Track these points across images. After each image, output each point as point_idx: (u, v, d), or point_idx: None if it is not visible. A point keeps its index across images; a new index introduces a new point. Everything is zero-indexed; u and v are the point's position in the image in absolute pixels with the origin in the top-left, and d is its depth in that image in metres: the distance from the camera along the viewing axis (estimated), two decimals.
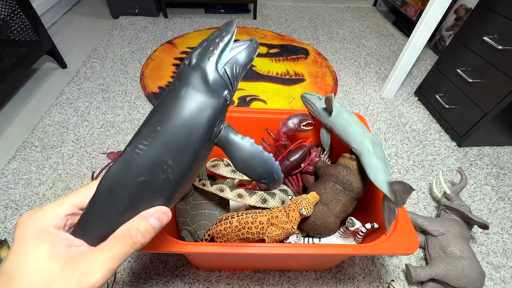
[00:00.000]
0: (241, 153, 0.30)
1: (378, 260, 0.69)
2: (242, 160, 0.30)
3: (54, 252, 0.20)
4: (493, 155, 0.99)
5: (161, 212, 0.24)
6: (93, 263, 0.20)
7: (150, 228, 0.23)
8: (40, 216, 0.22)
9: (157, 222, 0.24)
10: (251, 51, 0.27)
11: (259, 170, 0.31)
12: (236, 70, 0.27)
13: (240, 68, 0.27)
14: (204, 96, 0.25)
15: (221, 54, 0.26)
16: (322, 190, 0.56)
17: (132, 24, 1.56)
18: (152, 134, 0.25)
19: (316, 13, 1.85)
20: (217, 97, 0.26)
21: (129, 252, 0.22)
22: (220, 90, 0.26)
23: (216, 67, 0.25)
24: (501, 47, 0.82)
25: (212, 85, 0.25)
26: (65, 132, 0.94)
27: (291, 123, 0.63)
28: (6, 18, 0.99)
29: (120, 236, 0.22)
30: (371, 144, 0.52)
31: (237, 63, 0.27)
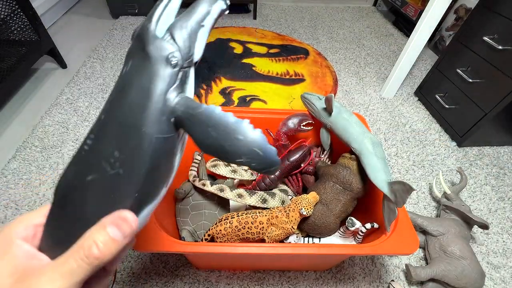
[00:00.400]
0: (200, 126, 0.22)
1: (378, 260, 0.69)
2: (203, 135, 0.22)
3: (12, 265, 0.19)
4: (493, 155, 0.99)
5: (119, 217, 0.20)
6: (41, 281, 0.18)
7: (109, 240, 0.19)
8: (10, 227, 0.21)
9: (117, 232, 0.19)
10: (207, 3, 0.23)
11: (227, 145, 0.21)
12: (186, 29, 0.22)
13: (192, 25, 0.22)
14: (144, 67, 0.22)
15: (160, 16, 0.22)
16: (322, 190, 0.56)
17: (132, 24, 1.56)
18: (97, 125, 0.22)
19: (316, 13, 1.85)
20: (159, 64, 0.22)
21: (83, 268, 0.18)
22: (160, 54, 0.21)
23: (154, 31, 0.22)
24: (501, 47, 0.82)
25: (150, 51, 0.21)
26: (65, 132, 0.94)
27: (291, 123, 0.63)
28: (6, 18, 0.99)
29: (75, 249, 0.19)
30: (371, 144, 0.52)
31: (186, 20, 0.22)
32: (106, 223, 0.20)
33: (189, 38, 0.23)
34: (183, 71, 0.23)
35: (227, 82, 1.20)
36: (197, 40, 0.23)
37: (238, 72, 1.25)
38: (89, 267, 0.18)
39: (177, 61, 0.22)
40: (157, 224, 0.44)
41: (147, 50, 0.21)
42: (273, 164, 0.22)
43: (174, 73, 0.22)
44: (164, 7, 0.23)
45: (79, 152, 0.22)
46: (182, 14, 0.23)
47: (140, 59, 0.22)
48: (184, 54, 0.22)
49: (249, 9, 1.82)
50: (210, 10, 0.23)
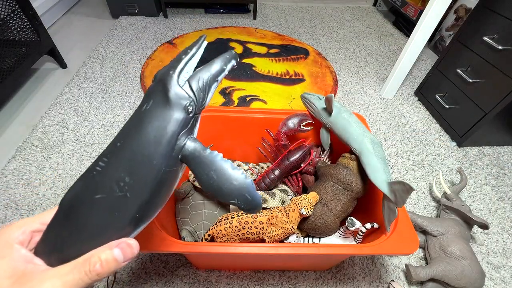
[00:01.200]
0: (204, 168, 0.26)
1: (378, 260, 0.69)
2: (205, 176, 0.26)
3: (11, 268, 0.20)
4: (493, 155, 0.99)
5: (126, 243, 0.22)
6: (43, 286, 0.19)
7: (112, 259, 0.21)
8: (8, 231, 0.22)
9: (120, 255, 0.22)
10: (222, 62, 0.27)
11: (225, 187, 0.26)
12: (202, 81, 0.26)
13: (208, 79, 0.26)
14: (163, 109, 0.25)
15: (183, 68, 0.26)
16: (322, 190, 0.56)
17: (132, 24, 1.56)
18: (112, 150, 0.25)
19: (316, 13, 1.85)
20: (177, 109, 0.25)
21: (83, 281, 0.20)
22: (180, 102, 0.25)
23: (177, 80, 0.25)
24: (501, 47, 0.82)
25: (171, 97, 0.25)
26: (65, 132, 0.94)
27: (291, 123, 0.63)
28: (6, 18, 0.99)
29: (80, 262, 0.21)
30: (371, 144, 0.52)
31: (203, 74, 0.26)
32: (113, 245, 0.22)
33: (204, 89, 0.26)
34: (195, 117, 0.27)
35: (227, 82, 1.20)
36: (210, 91, 0.27)
37: (238, 72, 1.25)
38: (89, 281, 0.20)
39: (192, 110, 0.26)
40: (157, 224, 0.44)
41: (169, 96, 0.25)
42: (258, 207, 0.28)
43: (188, 118, 0.26)
44: (188, 61, 0.26)
45: (90, 171, 0.24)
46: (201, 68, 0.27)
47: (161, 101, 0.25)
48: (198, 103, 0.26)
49: (249, 9, 1.82)
50: (225, 68, 0.27)
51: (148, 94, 0.26)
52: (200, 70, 0.26)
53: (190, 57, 0.26)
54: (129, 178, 0.24)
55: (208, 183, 0.26)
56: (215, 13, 1.75)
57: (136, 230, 0.25)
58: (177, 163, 0.26)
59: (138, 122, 0.25)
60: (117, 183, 0.23)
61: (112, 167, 0.24)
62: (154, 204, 0.26)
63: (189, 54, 0.26)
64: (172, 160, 0.25)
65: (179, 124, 0.25)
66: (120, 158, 0.24)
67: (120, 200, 0.23)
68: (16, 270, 0.20)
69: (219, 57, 0.27)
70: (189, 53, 0.26)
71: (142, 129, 0.24)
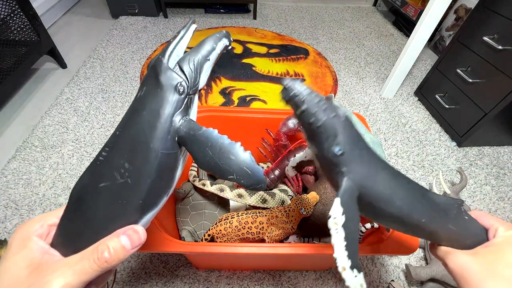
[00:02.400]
0: (200, 145, 0.25)
1: (378, 260, 0.69)
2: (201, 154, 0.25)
3: (29, 258, 0.21)
4: (493, 155, 0.99)
5: (133, 229, 0.23)
6: (54, 275, 0.20)
7: (119, 247, 0.22)
8: (28, 225, 0.23)
9: (127, 242, 0.22)
10: (213, 41, 0.27)
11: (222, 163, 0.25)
12: (193, 62, 0.26)
13: (199, 59, 0.26)
14: (156, 93, 0.25)
15: (173, 51, 0.26)
16: (322, 190, 0.56)
17: (132, 24, 1.56)
18: (112, 140, 0.25)
19: (316, 13, 1.85)
20: (169, 91, 0.25)
21: (93, 269, 0.21)
22: (171, 83, 0.25)
23: (167, 63, 0.25)
24: (501, 47, 0.82)
25: (162, 80, 0.25)
26: (65, 132, 0.94)
27: (291, 123, 0.63)
28: (6, 18, 0.99)
29: (89, 250, 0.22)
30: (371, 144, 0.52)
31: (193, 55, 0.26)
32: (120, 232, 0.23)
33: (196, 70, 0.26)
34: (189, 98, 0.26)
35: (227, 82, 1.20)
36: (202, 72, 0.27)
37: (238, 72, 1.25)
38: (99, 269, 0.21)
39: (183, 89, 0.25)
40: (157, 224, 0.44)
41: (159, 79, 0.25)
42: (260, 182, 0.25)
43: (180, 99, 0.25)
44: (176, 44, 0.26)
45: (95, 162, 0.25)
46: (191, 50, 0.26)
47: (153, 86, 0.25)
48: (190, 84, 0.26)
49: (249, 9, 1.82)
50: (215, 46, 0.27)
51: (142, 82, 0.26)
52: (190, 52, 0.26)
53: (179, 40, 0.26)
54: (129, 164, 0.24)
55: (204, 161, 0.25)
56: (215, 13, 1.75)
57: (144, 217, 0.25)
58: (174, 146, 0.26)
59: (133, 109, 0.25)
60: (118, 170, 0.24)
61: (113, 156, 0.24)
62: (156, 190, 0.26)
63: (177, 38, 0.26)
64: (168, 142, 0.25)
65: (172, 105, 0.25)
66: (119, 146, 0.25)
67: (122, 186, 0.24)
68: (34, 260, 0.21)
69: (209, 36, 0.27)
70: (177, 37, 0.26)
71: (137, 115, 0.25)
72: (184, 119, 0.26)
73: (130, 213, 0.24)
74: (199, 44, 0.27)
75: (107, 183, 0.24)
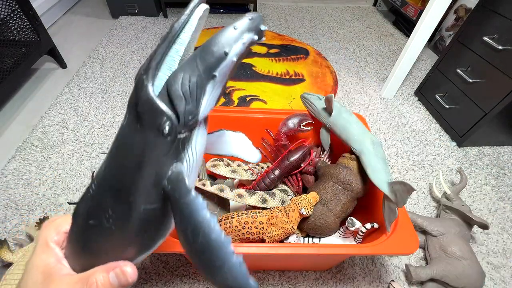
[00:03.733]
0: (182, 220, 0.18)
1: (378, 260, 0.69)
2: (183, 232, 0.19)
3: (45, 264, 0.22)
4: (493, 155, 0.99)
5: (121, 270, 0.22)
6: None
7: (107, 283, 0.21)
8: (47, 230, 0.24)
9: (115, 280, 0.21)
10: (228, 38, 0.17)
11: (203, 262, 0.18)
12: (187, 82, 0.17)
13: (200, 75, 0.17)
14: (134, 127, 0.19)
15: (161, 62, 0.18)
16: (322, 190, 0.56)
17: (132, 24, 1.56)
18: (100, 174, 0.21)
19: (316, 13, 1.85)
20: (149, 130, 0.18)
21: None
22: (152, 119, 0.18)
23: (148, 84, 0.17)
24: (501, 47, 0.82)
25: (140, 112, 0.18)
26: (65, 132, 0.94)
27: (291, 123, 0.63)
28: (6, 18, 0.99)
29: (84, 277, 0.22)
30: (371, 144, 0.52)
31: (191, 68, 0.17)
32: (110, 268, 0.22)
33: (193, 94, 0.18)
34: (179, 139, 0.19)
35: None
36: (204, 95, 0.18)
37: (238, 72, 1.25)
38: None
39: (170, 130, 0.18)
40: None
41: (138, 110, 0.18)
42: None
43: (166, 142, 0.19)
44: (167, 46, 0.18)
45: (87, 191, 0.22)
46: (189, 58, 0.18)
47: (133, 118, 0.19)
48: (183, 118, 0.18)
49: (249, 9, 1.82)
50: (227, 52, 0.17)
51: (127, 105, 0.20)
52: (187, 61, 0.18)
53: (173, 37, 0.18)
54: (111, 211, 0.20)
55: (183, 243, 0.19)
56: (215, 13, 1.75)
57: (138, 258, 0.23)
58: (159, 199, 0.20)
59: (116, 142, 0.20)
60: (103, 213, 0.20)
61: (99, 194, 0.21)
62: (146, 238, 0.22)
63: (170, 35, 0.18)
64: (152, 196, 0.20)
65: (153, 150, 0.19)
66: (104, 185, 0.21)
67: (109, 231, 0.21)
68: (48, 267, 0.22)
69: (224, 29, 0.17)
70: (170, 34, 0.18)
71: (118, 154, 0.20)
72: (172, 169, 0.19)
73: (122, 251, 0.22)
74: (206, 45, 0.17)
75: (95, 221, 0.21)
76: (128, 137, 0.19)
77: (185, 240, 0.18)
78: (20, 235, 0.68)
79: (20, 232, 0.69)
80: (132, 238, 0.21)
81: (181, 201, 0.18)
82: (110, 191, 0.20)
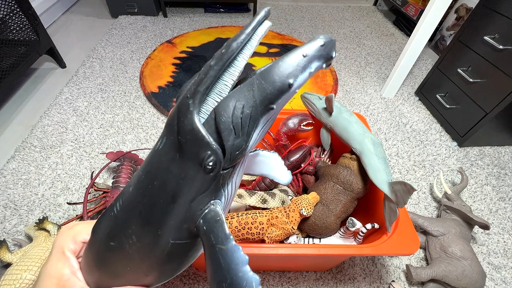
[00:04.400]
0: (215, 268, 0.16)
1: (379, 261, 0.69)
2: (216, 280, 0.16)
3: (60, 274, 0.21)
4: (494, 155, 0.98)
5: None
6: None
7: None
8: (63, 238, 0.23)
9: None
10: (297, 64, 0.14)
11: None
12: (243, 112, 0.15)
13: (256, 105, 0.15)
14: (172, 156, 0.17)
15: (210, 86, 0.15)
16: (322, 190, 0.56)
17: (132, 23, 1.56)
18: (127, 195, 0.19)
19: (317, 13, 1.84)
20: (190, 162, 0.16)
21: None
22: (195, 152, 0.16)
23: (194, 111, 0.15)
24: (502, 47, 0.81)
25: (182, 141, 0.16)
26: (64, 132, 0.93)
27: (291, 123, 0.62)
28: (5, 17, 0.98)
29: None
30: (372, 144, 0.52)
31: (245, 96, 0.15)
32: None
33: (244, 128, 0.15)
34: (223, 174, 0.17)
35: None
36: (256, 129, 0.16)
37: None
38: None
39: (213, 166, 0.16)
40: None
41: (179, 138, 0.16)
42: None
43: (207, 178, 0.17)
44: (219, 71, 0.15)
45: (112, 208, 0.20)
46: (244, 85, 0.15)
47: (171, 145, 0.17)
48: (229, 155, 0.16)
49: (249, 8, 1.81)
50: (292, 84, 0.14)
51: (165, 127, 0.18)
52: (240, 89, 0.15)
53: (227, 61, 0.15)
54: (136, 239, 0.19)
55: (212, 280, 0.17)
56: (215, 12, 1.75)
57: (157, 284, 0.22)
58: (190, 236, 0.19)
59: (149, 167, 0.18)
60: (127, 238, 0.19)
61: (123, 218, 0.19)
62: (164, 274, 0.21)
63: (226, 56, 0.15)
64: (182, 232, 0.18)
65: (191, 186, 0.17)
66: (130, 209, 0.19)
67: (130, 257, 0.19)
68: (62, 277, 0.21)
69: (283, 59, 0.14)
70: (226, 55, 0.15)
71: (148, 179, 0.18)
72: (208, 207, 0.18)
73: (141, 277, 0.21)
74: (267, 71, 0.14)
75: (117, 244, 0.20)
76: (163, 164, 0.17)
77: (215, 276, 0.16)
78: (19, 236, 0.68)
79: (19, 233, 0.68)
80: (154, 267, 0.20)
81: (217, 247, 0.16)
82: (137, 218, 0.18)
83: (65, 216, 0.72)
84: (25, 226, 0.69)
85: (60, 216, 0.72)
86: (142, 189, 0.18)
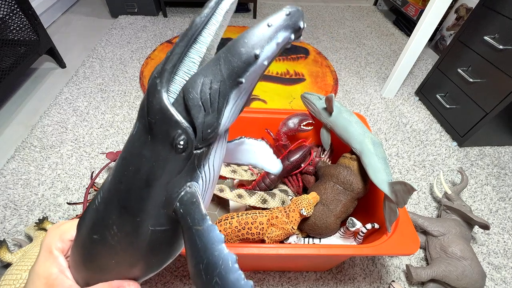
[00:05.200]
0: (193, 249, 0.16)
1: (379, 261, 0.69)
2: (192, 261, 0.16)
3: (48, 273, 0.21)
4: (494, 155, 0.98)
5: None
6: None
7: None
8: (51, 237, 0.23)
9: None
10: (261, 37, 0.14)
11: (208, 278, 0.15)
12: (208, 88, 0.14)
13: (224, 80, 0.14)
14: (144, 139, 0.16)
15: (177, 64, 0.15)
16: (322, 191, 0.56)
17: (132, 23, 1.56)
18: (107, 187, 0.19)
19: (317, 13, 1.84)
20: (161, 144, 0.16)
21: None
22: (165, 132, 0.15)
23: (162, 90, 0.15)
24: (502, 47, 0.81)
25: (151, 122, 0.16)
26: (64, 132, 0.93)
27: (291, 123, 0.62)
28: (5, 17, 0.98)
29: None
30: (372, 144, 0.52)
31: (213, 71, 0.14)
32: (113, 285, 0.21)
33: (213, 104, 0.15)
34: (196, 154, 0.17)
35: None
36: (227, 105, 0.15)
37: None
38: None
39: (184, 147, 0.16)
40: None
41: (149, 119, 0.16)
42: None
43: (180, 158, 0.16)
44: (185, 48, 0.15)
45: (94, 201, 0.20)
46: (211, 60, 0.15)
47: (143, 127, 0.16)
48: (200, 133, 0.16)
49: (249, 8, 1.81)
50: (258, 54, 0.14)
51: (138, 113, 0.17)
52: (208, 65, 0.15)
53: (191, 37, 0.15)
54: (117, 229, 0.19)
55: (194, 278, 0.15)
56: None
57: (143, 277, 0.22)
58: (169, 221, 0.18)
59: (122, 152, 0.18)
60: (108, 229, 0.19)
61: (104, 209, 0.19)
62: (151, 265, 0.21)
63: (190, 32, 0.15)
64: (161, 218, 0.18)
65: (164, 167, 0.16)
66: (109, 200, 0.19)
67: (114, 249, 0.19)
68: (51, 276, 0.21)
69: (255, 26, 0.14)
70: (190, 31, 0.15)
71: (123, 166, 0.18)
72: (184, 189, 0.17)
73: (127, 270, 0.21)
74: (232, 44, 0.14)
75: (99, 237, 0.19)
76: (136, 149, 0.17)
77: (197, 276, 0.15)
78: (19, 236, 0.68)
79: (19, 233, 0.68)
80: (139, 258, 0.20)
81: (194, 228, 0.16)
82: (116, 208, 0.18)
83: (65, 216, 0.72)
84: (25, 226, 0.69)
85: (60, 216, 0.72)
86: (118, 177, 0.18)
